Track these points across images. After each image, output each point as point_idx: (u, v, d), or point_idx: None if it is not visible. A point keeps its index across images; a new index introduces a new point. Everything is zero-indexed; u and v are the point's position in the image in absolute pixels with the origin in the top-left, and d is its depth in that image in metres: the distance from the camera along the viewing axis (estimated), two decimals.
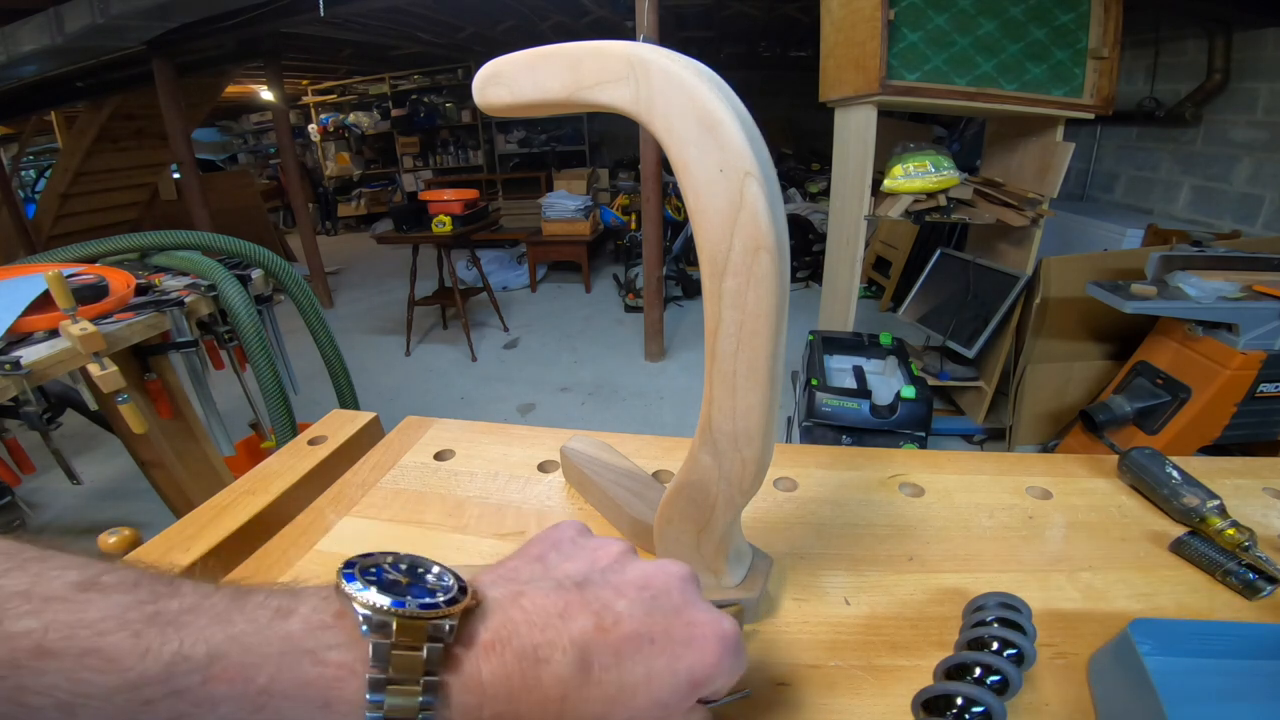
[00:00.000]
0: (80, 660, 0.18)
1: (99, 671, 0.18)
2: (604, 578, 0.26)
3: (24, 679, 0.17)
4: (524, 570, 0.27)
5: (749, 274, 0.27)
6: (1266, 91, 2.56)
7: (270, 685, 0.19)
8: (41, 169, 5.78)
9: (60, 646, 0.18)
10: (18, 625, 0.18)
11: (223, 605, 0.21)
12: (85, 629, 0.18)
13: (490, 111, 0.32)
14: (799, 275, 4.49)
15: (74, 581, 0.19)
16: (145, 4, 2.66)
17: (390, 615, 0.21)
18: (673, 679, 0.24)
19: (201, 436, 1.45)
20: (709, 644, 0.25)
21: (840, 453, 0.58)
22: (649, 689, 0.23)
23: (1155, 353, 1.85)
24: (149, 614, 0.19)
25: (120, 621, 0.19)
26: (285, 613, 0.21)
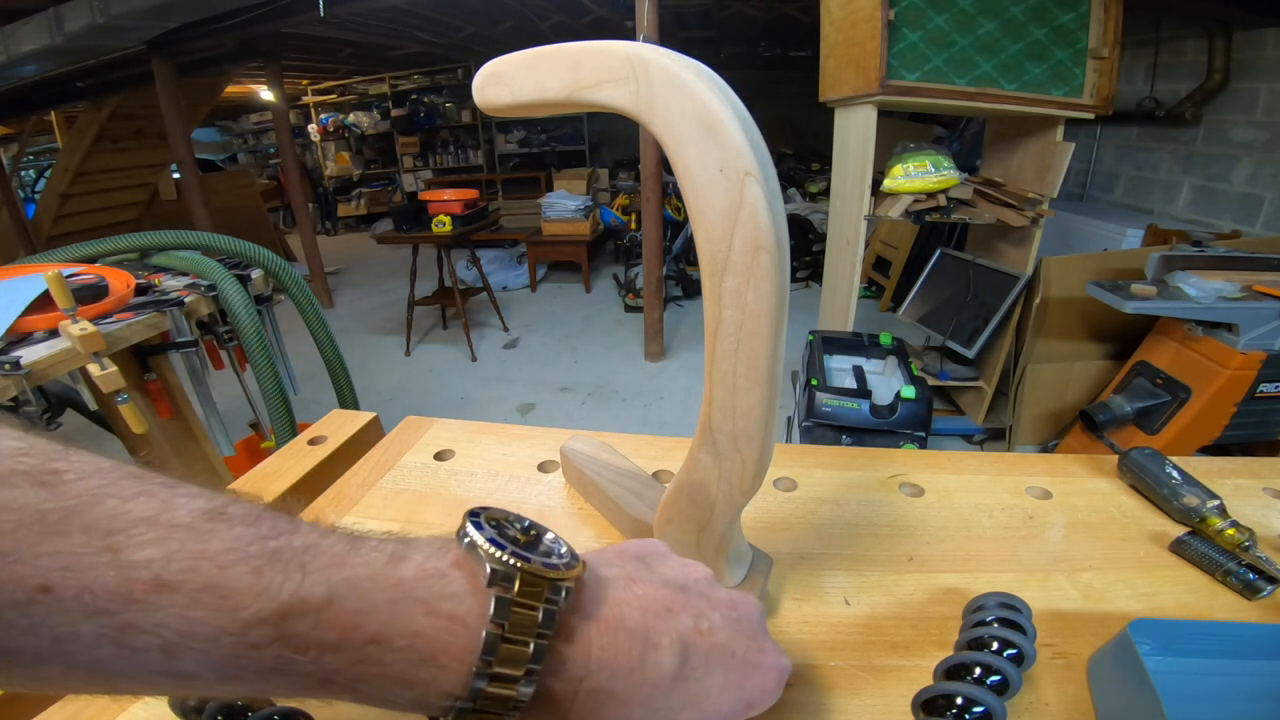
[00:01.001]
0: (196, 596, 0.17)
1: (213, 609, 0.17)
2: (699, 588, 0.27)
3: (133, 616, 0.17)
4: (629, 563, 0.27)
5: (749, 274, 0.27)
6: (1266, 91, 2.56)
7: (379, 634, 0.19)
8: (41, 169, 5.78)
9: (179, 580, 0.17)
10: (140, 554, 0.17)
11: (340, 547, 0.20)
12: (207, 561, 0.18)
13: (490, 111, 0.32)
14: (799, 275, 4.49)
15: (201, 510, 0.19)
16: (145, 4, 2.66)
17: (516, 569, 0.21)
18: (737, 695, 0.25)
19: (201, 436, 1.45)
20: (771, 673, 0.27)
21: (840, 453, 0.58)
22: (717, 700, 0.25)
23: (1155, 353, 1.85)
24: (271, 550, 0.19)
25: (242, 555, 0.18)
26: (399, 558, 0.21)
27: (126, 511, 0.18)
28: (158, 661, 0.17)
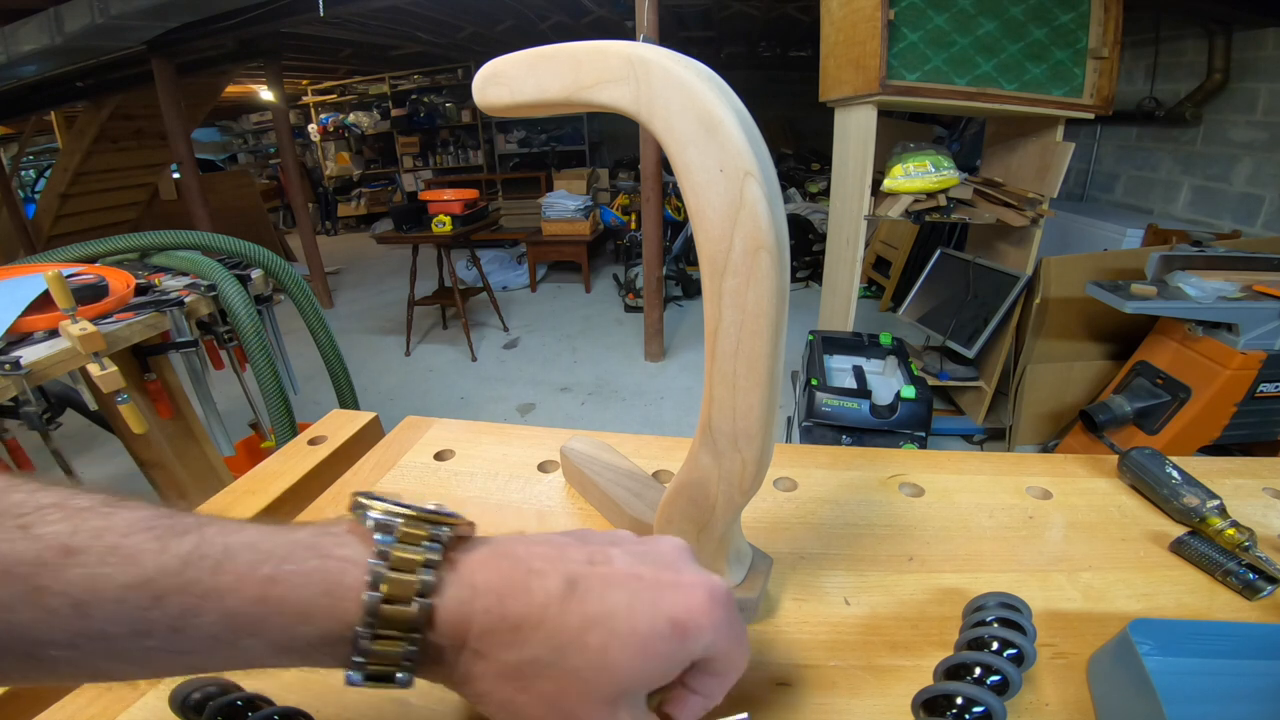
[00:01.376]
0: (102, 557, 0.19)
1: (117, 567, 0.19)
2: (609, 538, 0.28)
3: (44, 579, 0.19)
4: (556, 535, 0.28)
5: (749, 274, 0.27)
6: (1266, 91, 2.56)
7: (275, 574, 0.21)
8: (41, 169, 5.78)
9: (85, 544, 0.19)
10: (49, 529, 0.19)
11: (236, 522, 0.23)
12: (111, 531, 0.20)
13: (490, 111, 0.32)
14: (799, 275, 4.49)
15: (101, 499, 0.21)
16: (145, 4, 2.66)
17: (396, 515, 0.24)
18: (653, 612, 0.24)
19: (201, 436, 1.45)
20: (695, 591, 0.26)
21: (840, 453, 0.58)
22: (630, 617, 0.24)
23: (1155, 353, 1.85)
24: (169, 524, 0.21)
25: (145, 526, 0.21)
26: (294, 528, 0.23)
27: (34, 500, 0.20)
28: (73, 622, 0.19)
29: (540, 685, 0.23)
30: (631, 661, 0.24)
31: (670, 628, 0.24)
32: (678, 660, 0.25)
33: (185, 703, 0.30)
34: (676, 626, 0.24)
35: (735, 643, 0.27)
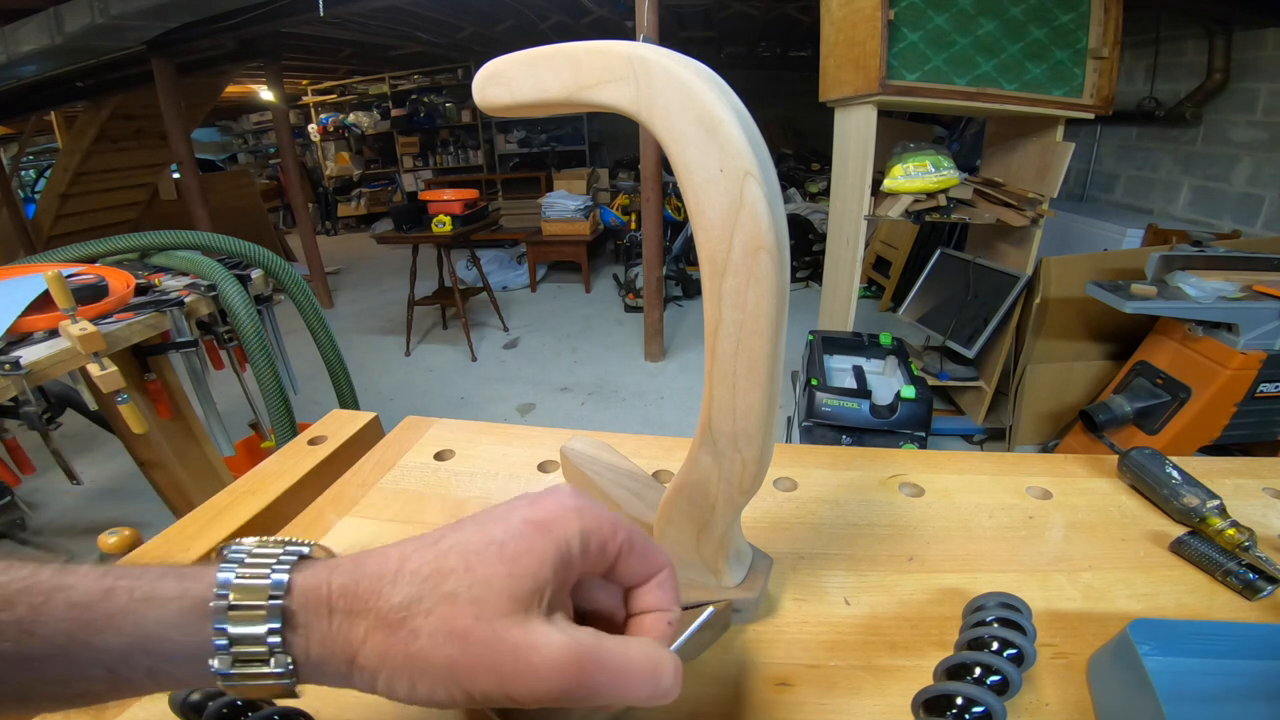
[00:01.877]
0: None
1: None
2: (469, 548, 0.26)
3: None
4: None
5: (749, 274, 0.27)
6: (1266, 91, 2.56)
7: (119, 576, 0.22)
8: (41, 169, 5.78)
9: None
10: None
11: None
12: None
13: (490, 111, 0.32)
14: (799, 275, 4.49)
15: None
16: (145, 4, 2.66)
17: (244, 549, 0.24)
18: (506, 521, 0.24)
19: (201, 436, 1.45)
20: (547, 497, 0.25)
21: (840, 453, 0.58)
22: (483, 532, 0.24)
23: (1155, 353, 1.85)
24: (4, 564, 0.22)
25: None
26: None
27: None
28: None
29: (428, 622, 0.22)
30: (500, 567, 0.23)
31: (526, 526, 0.24)
32: (551, 555, 0.24)
33: (185, 703, 0.30)
34: (531, 523, 0.24)
35: (620, 528, 0.26)
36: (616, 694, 0.23)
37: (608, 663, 0.23)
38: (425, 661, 0.22)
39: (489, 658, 0.22)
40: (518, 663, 0.22)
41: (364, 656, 0.22)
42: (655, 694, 0.23)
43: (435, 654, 0.22)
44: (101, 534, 0.87)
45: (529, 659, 0.22)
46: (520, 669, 0.21)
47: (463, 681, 0.22)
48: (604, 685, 0.22)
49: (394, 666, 0.22)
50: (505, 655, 0.22)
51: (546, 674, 0.21)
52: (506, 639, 0.22)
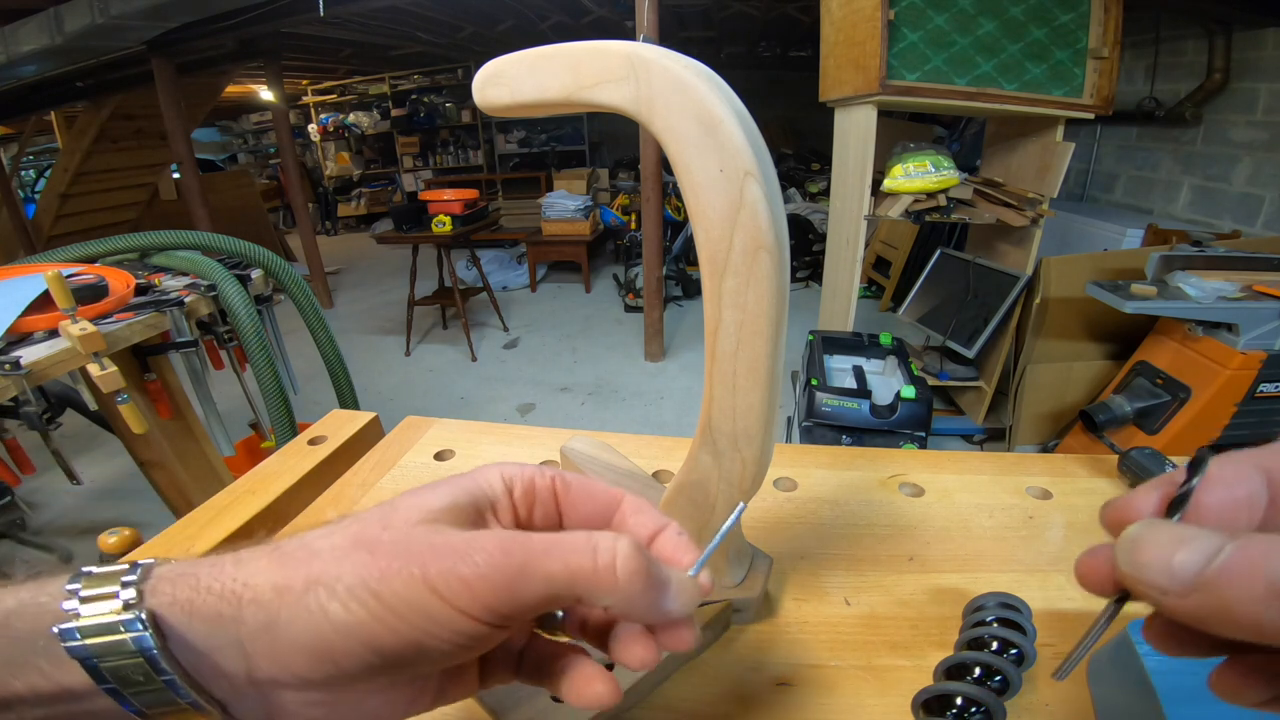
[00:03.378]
0: None
1: None
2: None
3: None
4: None
5: (749, 274, 0.27)
6: (1266, 91, 2.56)
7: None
8: (41, 169, 5.78)
9: None
10: None
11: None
12: None
13: (490, 111, 0.32)
14: (799, 275, 4.49)
15: None
16: (145, 4, 2.66)
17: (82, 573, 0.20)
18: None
19: (201, 436, 1.45)
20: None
21: (840, 453, 0.58)
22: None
23: (1155, 353, 1.85)
24: None
25: None
26: None
27: None
28: None
29: (329, 541, 0.20)
30: (411, 498, 0.22)
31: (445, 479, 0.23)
32: (467, 487, 0.23)
33: None
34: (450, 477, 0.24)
35: (549, 471, 0.25)
36: (555, 574, 0.19)
37: (538, 541, 0.20)
38: (330, 576, 0.19)
39: (403, 552, 0.19)
40: (437, 552, 0.19)
41: (257, 590, 0.19)
42: (596, 569, 0.19)
43: (341, 564, 0.19)
44: (101, 534, 0.87)
45: (450, 544, 0.19)
46: (441, 555, 0.19)
47: (378, 588, 0.18)
48: (540, 564, 0.19)
49: (295, 594, 0.19)
50: (423, 548, 0.19)
51: (472, 557, 0.19)
52: (422, 536, 0.20)
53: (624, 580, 0.20)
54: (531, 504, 0.24)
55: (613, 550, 0.20)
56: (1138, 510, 0.19)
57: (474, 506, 0.22)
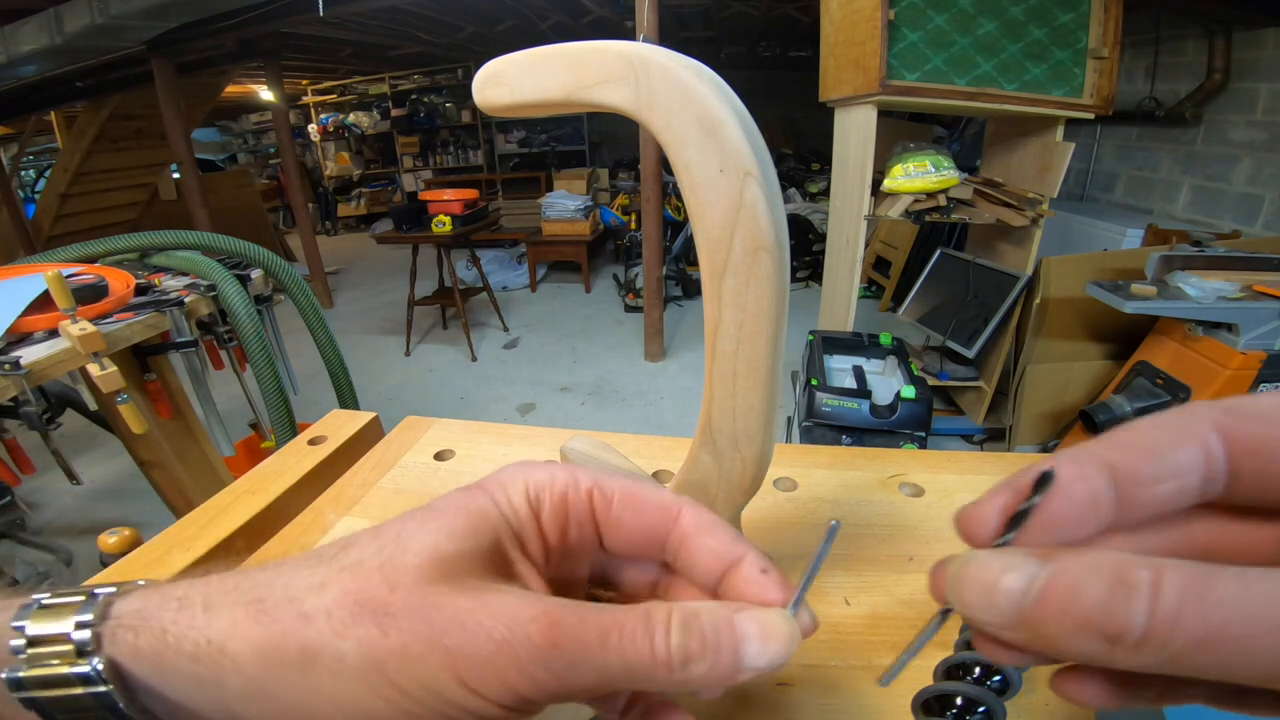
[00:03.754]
0: None
1: None
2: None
3: None
4: None
5: (749, 274, 0.27)
6: (1266, 91, 2.56)
7: None
8: (41, 169, 5.78)
9: None
10: None
11: None
12: None
13: (490, 111, 0.32)
14: (799, 275, 4.49)
15: None
16: (145, 4, 2.66)
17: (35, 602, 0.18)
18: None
19: (201, 436, 1.45)
20: None
21: (840, 453, 0.58)
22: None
23: (1155, 353, 1.85)
24: None
25: None
26: None
27: None
28: None
29: (324, 599, 0.16)
30: (418, 527, 0.18)
31: (456, 491, 0.19)
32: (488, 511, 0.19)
33: None
34: (462, 489, 0.19)
35: (584, 475, 0.20)
36: (610, 667, 0.16)
37: (592, 626, 0.16)
38: (331, 652, 0.15)
39: (423, 630, 0.15)
40: (465, 631, 0.15)
41: (237, 656, 0.15)
42: (655, 662, 0.16)
43: (343, 640, 0.15)
44: (101, 534, 0.87)
45: (479, 621, 0.16)
46: (471, 638, 0.15)
47: (395, 677, 0.15)
48: (594, 657, 0.16)
49: (288, 668, 0.15)
50: (447, 623, 0.16)
51: (512, 648, 0.15)
52: (442, 604, 0.16)
53: (687, 677, 0.16)
54: (564, 525, 0.20)
55: (662, 634, 0.16)
56: (982, 522, 0.18)
57: (495, 543, 0.18)
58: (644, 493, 0.20)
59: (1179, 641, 0.12)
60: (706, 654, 0.16)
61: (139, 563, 0.41)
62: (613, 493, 0.20)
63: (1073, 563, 0.14)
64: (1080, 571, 0.14)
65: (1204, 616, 0.12)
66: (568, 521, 0.20)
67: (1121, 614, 0.13)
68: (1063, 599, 0.14)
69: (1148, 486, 0.16)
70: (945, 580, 0.17)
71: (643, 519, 0.20)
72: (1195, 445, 0.15)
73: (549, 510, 0.20)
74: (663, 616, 0.17)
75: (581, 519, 0.20)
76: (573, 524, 0.20)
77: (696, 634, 0.16)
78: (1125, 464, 0.16)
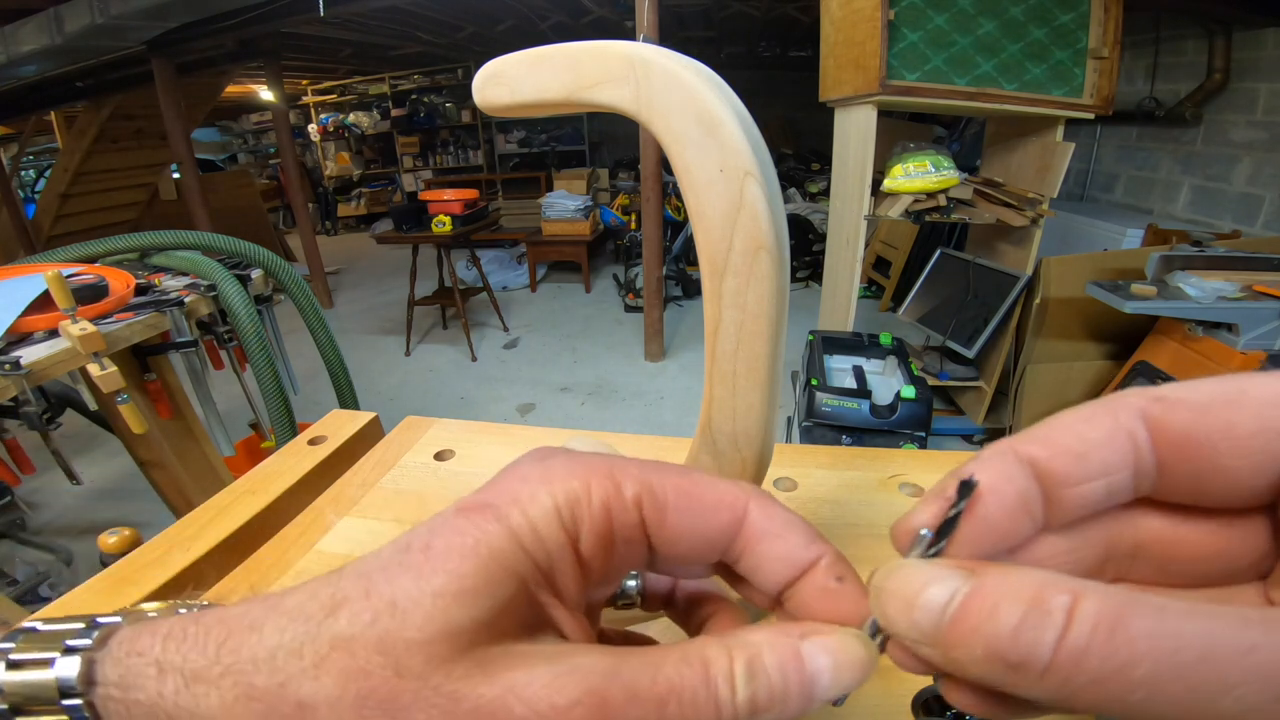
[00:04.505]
0: None
1: None
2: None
3: None
4: None
5: (749, 274, 0.27)
6: (1266, 91, 2.56)
7: None
8: (41, 169, 5.78)
9: None
10: None
11: None
12: None
13: (490, 111, 0.32)
14: (799, 275, 4.49)
15: None
16: (145, 4, 2.66)
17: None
18: None
19: (201, 436, 1.45)
20: None
21: (840, 453, 0.58)
22: None
23: (1155, 353, 1.85)
24: None
25: None
26: None
27: None
28: None
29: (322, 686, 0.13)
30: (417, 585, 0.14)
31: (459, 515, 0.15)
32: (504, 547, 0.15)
33: None
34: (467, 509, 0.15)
35: (626, 473, 0.17)
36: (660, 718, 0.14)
37: (641, 686, 0.14)
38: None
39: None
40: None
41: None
42: (720, 715, 0.14)
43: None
44: (102, 534, 0.87)
45: (510, 710, 0.13)
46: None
47: None
48: (647, 705, 0.13)
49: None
50: (468, 717, 0.13)
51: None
52: (462, 695, 0.13)
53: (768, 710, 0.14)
54: (610, 547, 0.16)
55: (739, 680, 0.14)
56: (913, 534, 0.16)
57: (518, 593, 0.15)
58: (702, 490, 0.17)
59: (1082, 678, 0.11)
60: (774, 703, 0.14)
61: (139, 563, 0.41)
62: (665, 495, 0.16)
63: (992, 581, 0.13)
64: (998, 592, 0.13)
65: (1112, 653, 0.11)
66: (613, 541, 0.16)
67: (1029, 642, 0.12)
68: (976, 621, 0.13)
69: (1073, 487, 0.14)
70: (870, 590, 0.16)
71: (705, 524, 0.17)
72: (1122, 440, 0.14)
73: (590, 533, 0.16)
74: (724, 667, 0.14)
75: (630, 536, 0.16)
76: (619, 543, 0.16)
77: (764, 683, 0.14)
78: (1049, 464, 0.14)
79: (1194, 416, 0.14)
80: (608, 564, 0.16)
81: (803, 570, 0.17)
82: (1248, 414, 0.13)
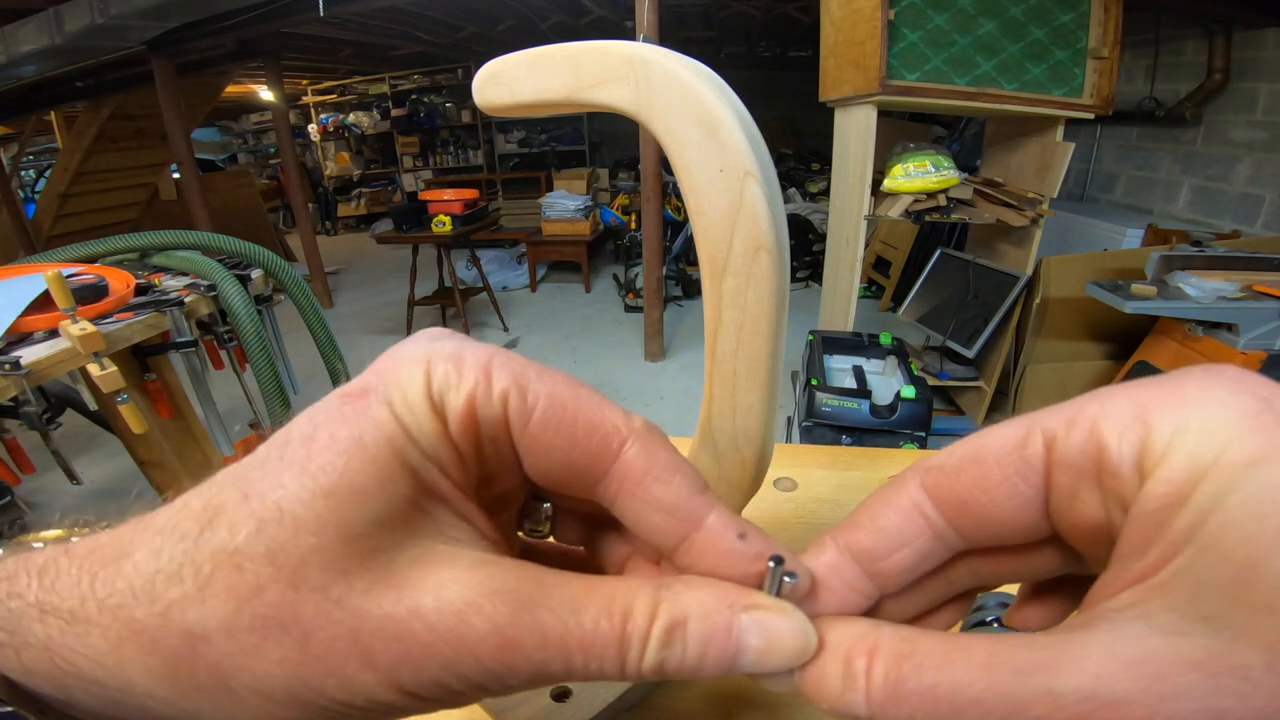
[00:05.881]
0: None
1: None
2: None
3: None
4: None
5: (749, 274, 0.27)
6: (1266, 91, 2.56)
7: None
8: (41, 169, 5.78)
9: None
10: None
11: None
12: None
13: (490, 111, 0.32)
14: (799, 275, 4.49)
15: None
16: (145, 4, 2.66)
17: None
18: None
19: (201, 436, 1.45)
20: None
21: (840, 453, 0.58)
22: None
23: (1155, 353, 1.85)
24: None
25: None
26: None
27: None
28: None
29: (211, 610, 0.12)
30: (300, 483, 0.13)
31: (340, 402, 0.14)
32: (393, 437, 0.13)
33: None
34: (347, 396, 0.14)
35: (502, 366, 0.15)
36: (570, 674, 0.13)
37: (550, 628, 0.13)
38: (244, 679, 0.12)
39: (350, 646, 0.12)
40: (401, 646, 0.12)
41: (129, 686, 0.12)
42: (625, 672, 0.13)
43: (259, 661, 0.12)
44: None
45: (416, 636, 0.12)
46: (407, 654, 0.12)
47: (322, 685, 0.12)
48: (552, 665, 0.13)
49: (204, 693, 0.12)
50: (374, 637, 0.12)
51: (453, 658, 0.13)
52: (365, 611, 0.12)
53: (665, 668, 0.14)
54: (477, 442, 0.15)
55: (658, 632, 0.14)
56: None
57: (413, 486, 0.14)
58: (579, 405, 0.15)
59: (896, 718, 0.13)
60: (682, 672, 0.14)
61: None
62: (536, 400, 0.14)
63: (821, 651, 0.14)
64: (822, 663, 0.14)
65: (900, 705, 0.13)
66: (479, 437, 0.14)
67: (851, 702, 0.13)
68: (814, 689, 0.14)
69: (882, 560, 0.15)
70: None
71: (571, 444, 0.15)
72: (909, 511, 0.15)
73: (455, 423, 0.14)
74: (641, 626, 0.13)
75: (494, 434, 0.15)
76: (485, 441, 0.15)
77: (676, 653, 0.14)
78: (857, 544, 0.16)
79: (951, 480, 0.15)
80: (481, 464, 0.15)
81: (689, 524, 0.15)
82: (991, 468, 0.14)
